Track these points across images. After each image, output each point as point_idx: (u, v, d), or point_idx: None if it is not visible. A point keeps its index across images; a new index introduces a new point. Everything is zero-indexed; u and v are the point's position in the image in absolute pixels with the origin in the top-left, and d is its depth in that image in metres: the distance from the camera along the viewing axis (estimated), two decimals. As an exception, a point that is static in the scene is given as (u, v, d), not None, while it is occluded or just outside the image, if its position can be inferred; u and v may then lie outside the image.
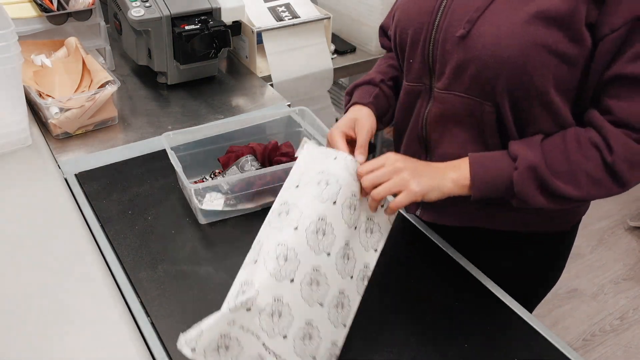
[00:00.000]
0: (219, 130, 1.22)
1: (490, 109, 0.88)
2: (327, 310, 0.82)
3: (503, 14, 0.83)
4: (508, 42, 0.82)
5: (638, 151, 0.83)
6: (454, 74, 0.89)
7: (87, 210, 1.12)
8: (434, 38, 0.90)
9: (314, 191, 0.84)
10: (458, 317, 0.95)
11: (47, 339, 0.87)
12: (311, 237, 0.81)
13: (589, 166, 0.84)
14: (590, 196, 0.86)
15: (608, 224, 2.62)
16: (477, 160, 0.88)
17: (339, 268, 0.83)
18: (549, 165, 0.85)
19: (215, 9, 1.49)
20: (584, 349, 2.06)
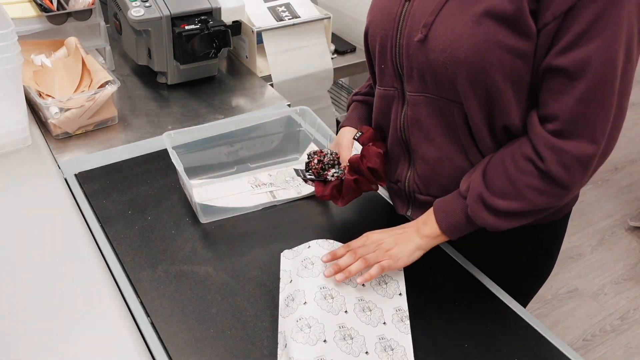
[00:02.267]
0: (219, 130, 1.22)
1: (458, 110, 0.90)
2: (377, 356, 0.86)
3: (455, 16, 0.84)
4: (462, 43, 0.83)
5: (566, 150, 0.83)
6: (419, 77, 0.91)
7: (87, 210, 1.12)
8: (399, 43, 0.92)
9: (304, 273, 0.94)
10: (458, 317, 0.95)
11: (47, 339, 0.87)
12: (322, 303, 0.88)
13: (528, 180, 0.87)
14: (542, 206, 0.88)
15: (608, 224, 2.62)
16: (440, 209, 0.95)
17: (363, 320, 0.89)
18: (493, 190, 0.89)
19: (215, 8, 1.49)
20: (584, 349, 2.06)
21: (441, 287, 1.01)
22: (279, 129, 1.30)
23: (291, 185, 1.21)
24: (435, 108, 0.92)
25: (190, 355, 0.86)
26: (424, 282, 1.01)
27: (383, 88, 1.00)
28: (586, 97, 0.81)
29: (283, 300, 0.93)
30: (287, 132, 1.30)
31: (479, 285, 1.02)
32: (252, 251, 1.05)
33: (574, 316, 2.19)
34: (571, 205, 1.07)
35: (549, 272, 1.15)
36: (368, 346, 0.86)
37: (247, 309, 0.94)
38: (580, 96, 0.81)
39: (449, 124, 0.92)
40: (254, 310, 0.94)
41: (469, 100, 0.87)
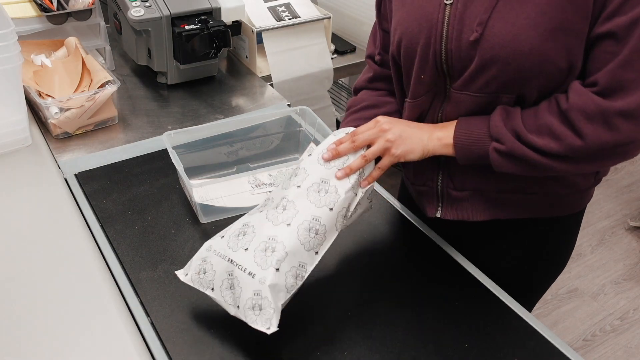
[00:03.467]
0: (219, 130, 1.22)
1: (508, 99, 0.90)
2: (296, 231, 0.86)
3: (514, 9, 0.83)
4: (526, 35, 0.83)
5: (595, 103, 0.83)
6: (472, 76, 0.89)
7: (87, 210, 1.12)
8: (446, 48, 0.90)
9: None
10: (458, 317, 0.95)
11: (47, 339, 0.87)
12: (284, 182, 0.93)
13: (550, 119, 0.86)
14: (554, 151, 0.86)
15: (608, 224, 2.62)
16: (463, 122, 0.93)
17: (311, 198, 0.89)
18: (523, 120, 0.88)
19: (215, 8, 1.49)
20: (584, 349, 2.06)
21: (441, 287, 1.01)
22: (279, 129, 1.30)
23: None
24: (479, 103, 0.92)
25: (190, 355, 0.86)
26: (424, 282, 1.01)
27: (415, 100, 0.98)
28: (629, 61, 0.80)
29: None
30: (287, 132, 1.30)
31: (479, 285, 1.02)
32: (252, 251, 1.05)
33: (574, 316, 2.19)
34: (586, 201, 1.06)
35: (559, 270, 1.14)
36: (295, 219, 0.87)
37: (247, 309, 0.94)
38: (624, 59, 0.81)
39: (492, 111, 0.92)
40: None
41: (530, 90, 0.87)
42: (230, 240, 0.88)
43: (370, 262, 1.05)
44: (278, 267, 0.83)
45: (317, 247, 0.88)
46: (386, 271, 1.03)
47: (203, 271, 0.88)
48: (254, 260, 0.84)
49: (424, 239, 1.11)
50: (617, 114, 0.82)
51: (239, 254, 0.86)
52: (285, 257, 0.84)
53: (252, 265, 0.84)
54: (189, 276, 0.90)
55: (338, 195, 0.90)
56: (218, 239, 0.90)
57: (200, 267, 0.89)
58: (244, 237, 0.87)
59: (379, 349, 0.89)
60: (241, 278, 0.84)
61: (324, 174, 0.92)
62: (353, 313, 0.94)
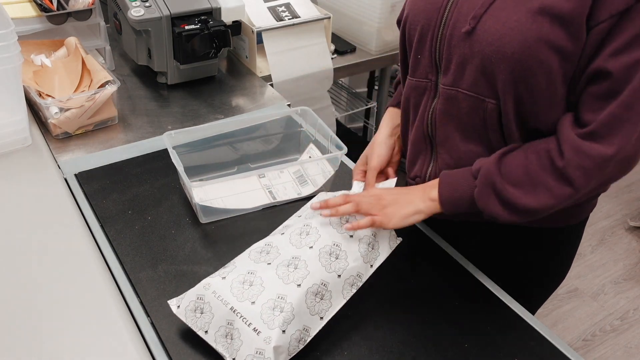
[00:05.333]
0: (219, 130, 1.22)
1: (492, 106, 0.89)
2: (304, 294, 0.85)
3: (508, 10, 0.83)
4: (511, 38, 0.82)
5: (592, 159, 0.83)
6: (458, 69, 0.90)
7: (86, 210, 1.12)
8: (442, 34, 0.91)
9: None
10: (458, 317, 0.95)
11: (47, 339, 0.87)
12: (294, 237, 0.92)
13: (545, 177, 0.86)
14: (549, 206, 0.87)
15: (608, 224, 2.62)
16: (446, 179, 0.94)
17: (322, 262, 0.89)
18: (507, 178, 0.87)
19: (215, 8, 1.49)
20: (584, 349, 2.06)
21: (441, 287, 1.01)
22: (279, 129, 1.30)
23: (291, 185, 1.21)
24: (467, 103, 0.91)
25: (190, 355, 0.86)
26: (424, 282, 1.01)
27: (415, 79, 0.99)
28: (629, 102, 0.80)
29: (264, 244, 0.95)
30: (287, 132, 1.30)
31: (478, 285, 1.02)
32: (252, 251, 1.05)
33: (574, 316, 2.19)
34: (588, 211, 1.06)
35: (561, 278, 1.14)
36: (305, 281, 0.86)
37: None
38: (625, 100, 0.80)
39: (479, 119, 0.92)
40: (254, 310, 0.94)
41: (507, 97, 0.87)
42: (234, 287, 0.85)
43: (370, 262, 1.05)
44: (284, 329, 0.82)
45: (323, 312, 0.88)
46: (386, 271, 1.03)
47: (200, 311, 0.85)
48: (261, 316, 0.82)
49: (425, 239, 1.11)
50: (612, 161, 0.83)
51: (244, 306, 0.83)
52: (292, 320, 0.83)
53: (258, 321, 0.82)
54: (181, 309, 0.87)
55: (347, 263, 0.91)
56: (219, 279, 0.87)
57: (196, 306, 0.86)
58: (251, 287, 0.85)
59: (379, 349, 0.89)
60: (243, 331, 0.82)
61: (336, 237, 0.92)
62: (353, 313, 0.94)
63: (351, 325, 0.92)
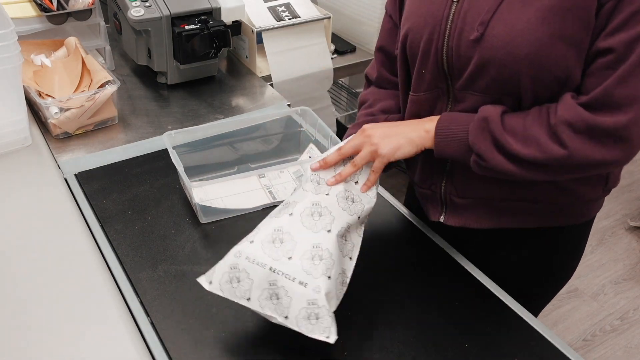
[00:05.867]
0: (219, 130, 1.22)
1: (509, 101, 0.89)
2: (336, 239, 0.86)
3: (516, 12, 0.83)
4: (523, 39, 0.82)
5: (581, 117, 0.82)
6: (471, 76, 0.89)
7: (87, 210, 1.12)
8: (447, 45, 0.90)
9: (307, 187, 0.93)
10: (458, 317, 0.95)
11: (47, 339, 0.87)
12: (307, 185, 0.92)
13: (538, 131, 0.85)
14: (537, 160, 0.85)
15: (608, 224, 2.62)
16: (447, 115, 0.93)
17: (342, 206, 0.90)
18: (505, 125, 0.87)
19: (215, 8, 1.49)
20: (584, 349, 2.06)
21: (441, 287, 1.01)
22: (279, 129, 1.30)
23: (291, 185, 1.21)
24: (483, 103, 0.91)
25: (190, 355, 0.86)
26: (424, 282, 1.01)
27: (422, 93, 0.98)
28: (625, 77, 0.79)
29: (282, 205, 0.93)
30: (287, 133, 1.30)
31: (479, 285, 1.02)
32: (252, 251, 1.05)
33: (574, 316, 2.19)
34: (594, 211, 1.05)
35: (566, 279, 1.13)
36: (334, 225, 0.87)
37: (247, 308, 0.94)
38: (621, 75, 0.79)
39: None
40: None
41: (526, 94, 0.87)
42: (265, 247, 0.84)
43: (371, 262, 1.05)
44: (329, 275, 0.83)
45: (350, 253, 0.89)
46: (387, 272, 1.03)
47: (237, 280, 0.83)
48: (302, 268, 0.82)
49: (425, 239, 1.11)
50: (604, 131, 0.82)
51: (282, 263, 0.83)
52: (333, 265, 0.84)
53: (301, 274, 0.82)
54: (215, 284, 0.84)
55: (362, 205, 0.93)
56: (247, 244, 0.85)
57: (231, 276, 0.83)
58: (282, 244, 0.84)
59: (379, 349, 0.89)
60: (289, 287, 0.81)
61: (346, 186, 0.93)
62: (353, 313, 0.94)
63: (351, 325, 0.92)
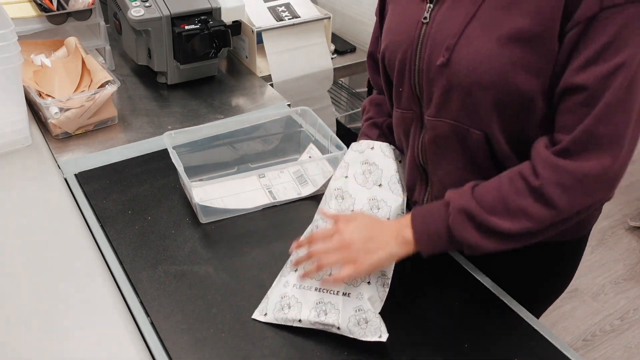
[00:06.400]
0: (219, 130, 1.22)
1: (478, 135, 0.86)
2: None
3: (478, 39, 0.80)
4: (487, 67, 0.79)
5: (570, 174, 0.78)
6: (440, 101, 0.87)
7: (87, 210, 1.12)
8: (419, 67, 0.88)
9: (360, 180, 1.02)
10: (458, 317, 0.95)
11: (47, 339, 0.87)
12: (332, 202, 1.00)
13: (521, 200, 0.81)
14: (529, 230, 0.81)
15: (608, 224, 2.62)
16: (419, 213, 0.88)
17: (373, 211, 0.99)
18: (482, 204, 0.82)
19: (215, 8, 1.49)
20: (585, 349, 2.06)
21: (441, 287, 1.01)
22: (279, 129, 1.30)
23: (291, 185, 1.21)
24: (454, 133, 0.89)
25: (190, 355, 0.86)
26: (424, 282, 1.01)
27: (401, 110, 0.98)
28: (604, 116, 0.75)
29: (334, 187, 1.01)
30: (287, 132, 1.30)
31: (479, 285, 1.02)
32: (252, 251, 1.05)
33: (574, 316, 2.19)
34: (591, 224, 1.03)
35: (563, 289, 1.12)
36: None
37: (247, 309, 0.94)
38: (599, 114, 0.75)
39: (467, 149, 0.89)
40: (254, 310, 0.94)
41: (493, 125, 0.84)
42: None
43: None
44: (369, 281, 0.90)
45: None
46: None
47: (287, 306, 0.90)
48: (343, 281, 0.89)
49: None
50: (593, 178, 0.78)
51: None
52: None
53: (343, 286, 0.89)
54: (270, 316, 0.91)
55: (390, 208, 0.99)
56: (291, 272, 0.94)
57: (282, 304, 0.91)
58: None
59: (379, 349, 0.89)
60: (336, 301, 0.89)
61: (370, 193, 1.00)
62: (353, 313, 0.94)
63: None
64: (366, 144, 1.06)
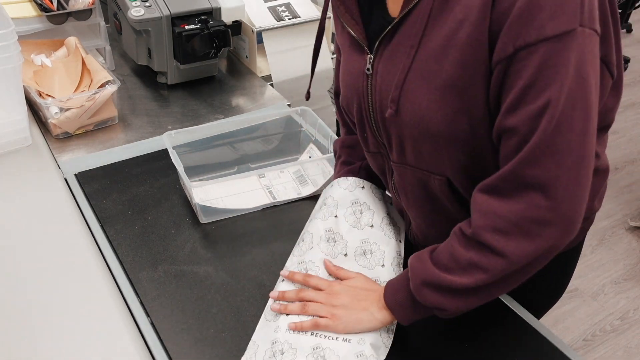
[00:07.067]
0: (219, 130, 1.22)
1: (440, 180, 0.85)
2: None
3: (418, 90, 0.78)
4: (432, 117, 0.78)
5: (499, 215, 0.74)
6: (399, 147, 0.86)
7: (87, 210, 1.12)
8: (374, 117, 0.87)
9: (351, 220, 0.99)
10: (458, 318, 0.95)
11: (47, 339, 0.87)
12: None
13: (465, 253, 0.78)
14: (484, 282, 0.78)
15: (608, 224, 2.62)
16: (389, 285, 0.88)
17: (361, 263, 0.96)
18: (438, 265, 0.81)
19: (215, 8, 1.49)
20: (585, 349, 2.06)
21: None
22: (279, 129, 1.30)
23: (291, 185, 1.21)
24: (417, 178, 0.87)
25: (190, 355, 0.86)
26: (424, 282, 1.01)
27: (370, 153, 0.96)
28: (531, 159, 0.71)
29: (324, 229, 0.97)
30: (287, 133, 1.30)
31: (479, 285, 1.01)
32: (252, 251, 1.05)
33: (574, 316, 2.19)
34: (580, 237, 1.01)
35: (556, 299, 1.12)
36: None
37: (247, 309, 0.94)
38: (524, 157, 0.72)
39: (432, 192, 0.88)
40: (254, 310, 0.94)
41: (454, 169, 0.82)
42: (302, 316, 0.87)
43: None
44: (349, 339, 0.85)
45: None
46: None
47: (280, 353, 0.84)
48: None
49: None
50: (530, 221, 0.73)
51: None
52: None
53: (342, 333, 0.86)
54: None
55: (383, 251, 0.97)
56: (283, 317, 0.88)
57: (274, 350, 0.84)
58: None
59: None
60: (334, 346, 0.84)
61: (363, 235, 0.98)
62: (353, 313, 0.94)
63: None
64: (355, 182, 1.02)
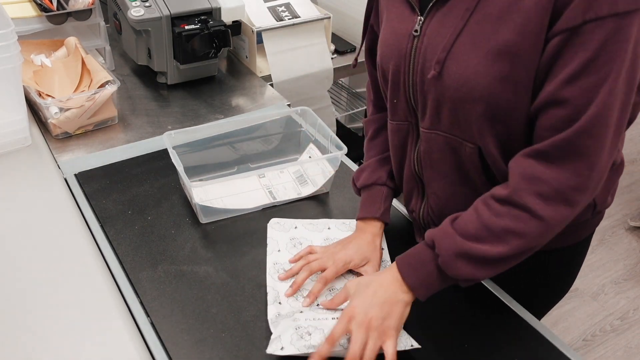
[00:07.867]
0: (219, 130, 1.22)
1: (471, 148, 0.85)
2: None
3: (468, 53, 0.79)
4: (477, 81, 0.79)
5: (544, 180, 0.76)
6: (434, 113, 0.87)
7: (86, 210, 1.12)
8: (412, 80, 0.88)
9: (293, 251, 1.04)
10: (458, 317, 0.95)
11: (47, 339, 0.87)
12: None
13: (504, 222, 0.79)
14: (522, 248, 0.80)
15: (609, 224, 2.62)
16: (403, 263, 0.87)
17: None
18: (467, 236, 0.81)
19: (215, 8, 1.49)
20: (585, 349, 2.06)
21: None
22: (280, 129, 1.30)
23: (291, 185, 1.21)
24: (448, 146, 0.88)
25: (190, 355, 0.86)
26: (424, 282, 1.01)
27: (396, 122, 0.97)
28: (586, 130, 0.74)
29: (272, 264, 1.01)
30: (287, 133, 1.30)
31: (479, 285, 1.01)
32: (252, 251, 1.05)
33: (574, 316, 2.19)
34: (585, 233, 1.02)
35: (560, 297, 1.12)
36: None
37: (247, 309, 0.94)
38: (581, 128, 0.74)
39: (461, 161, 0.88)
40: (254, 310, 0.94)
41: (486, 137, 0.83)
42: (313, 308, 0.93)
43: (370, 262, 1.05)
44: None
45: None
46: (386, 271, 1.03)
47: (307, 334, 0.84)
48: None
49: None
50: (572, 188, 0.76)
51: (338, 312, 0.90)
52: None
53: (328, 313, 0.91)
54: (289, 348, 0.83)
55: None
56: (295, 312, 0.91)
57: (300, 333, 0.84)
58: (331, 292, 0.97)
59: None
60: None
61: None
62: (353, 313, 0.94)
63: (351, 325, 0.92)
64: (288, 224, 1.10)
